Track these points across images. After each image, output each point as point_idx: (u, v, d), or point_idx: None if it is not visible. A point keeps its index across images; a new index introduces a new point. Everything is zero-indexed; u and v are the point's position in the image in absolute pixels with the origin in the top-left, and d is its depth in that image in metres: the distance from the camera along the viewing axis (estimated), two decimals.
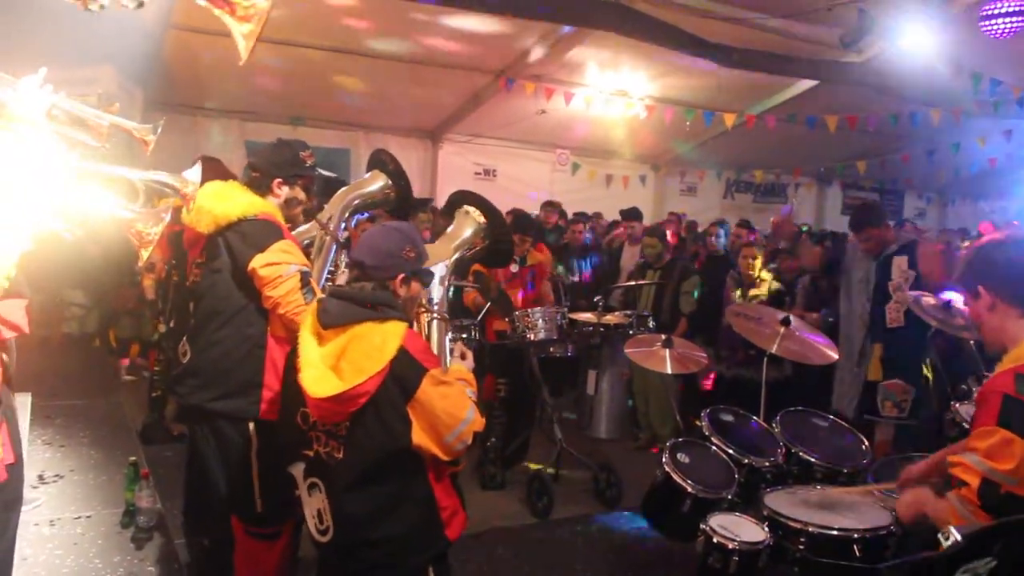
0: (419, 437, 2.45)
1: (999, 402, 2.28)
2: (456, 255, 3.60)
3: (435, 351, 3.11)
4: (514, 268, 6.32)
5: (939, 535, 2.16)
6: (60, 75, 2.38)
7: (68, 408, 6.51)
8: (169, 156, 2.74)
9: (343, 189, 3.99)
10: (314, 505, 2.59)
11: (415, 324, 3.06)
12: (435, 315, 3.22)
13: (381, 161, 4.12)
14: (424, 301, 3.03)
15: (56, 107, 2.37)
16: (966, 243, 8.88)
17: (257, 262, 3.17)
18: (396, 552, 2.53)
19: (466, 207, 3.71)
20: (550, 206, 10.67)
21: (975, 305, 2.55)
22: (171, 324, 5.75)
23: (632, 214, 9.00)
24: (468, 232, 3.66)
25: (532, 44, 9.78)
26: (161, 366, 6.37)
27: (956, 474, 2.37)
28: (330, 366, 2.44)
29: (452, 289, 6.24)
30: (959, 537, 2.08)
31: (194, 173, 2.67)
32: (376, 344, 2.42)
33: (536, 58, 10.02)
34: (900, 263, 5.23)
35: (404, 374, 2.43)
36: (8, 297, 2.47)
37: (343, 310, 2.52)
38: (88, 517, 4.63)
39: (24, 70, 2.32)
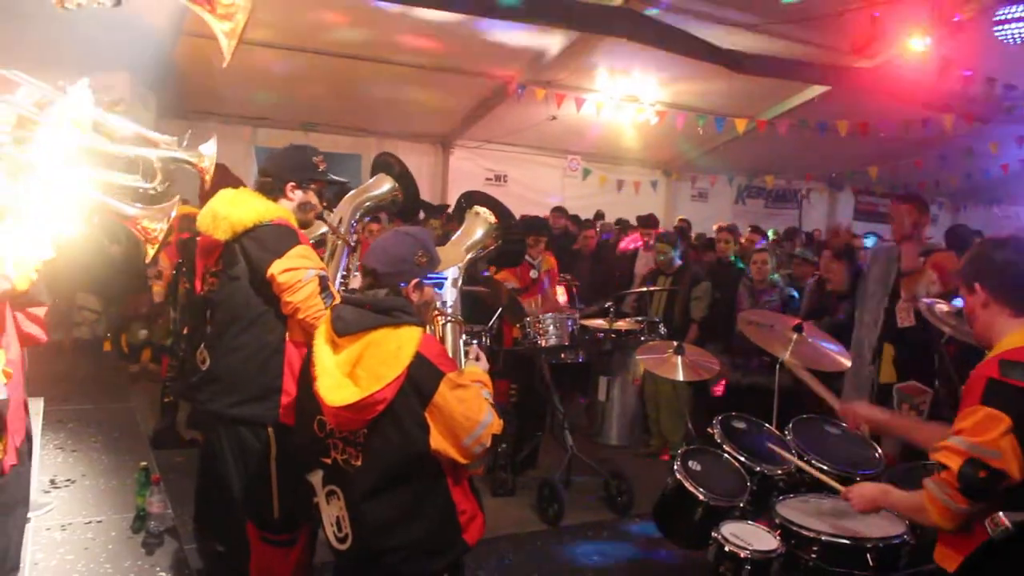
0: (437, 441, 2.44)
1: (983, 385, 2.37)
2: (469, 256, 3.59)
3: (450, 354, 3.11)
4: (533, 274, 6.33)
5: (987, 523, 2.26)
6: (75, 81, 2.40)
7: (80, 413, 6.54)
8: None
9: (351, 192, 4.01)
10: (332, 513, 2.58)
11: (429, 327, 3.06)
12: (449, 318, 3.21)
13: (387, 164, 4.12)
14: (438, 304, 3.03)
15: (99, 122, 2.39)
16: None
17: (275, 268, 3.17)
18: (415, 557, 2.52)
19: (476, 208, 3.70)
20: (558, 211, 10.68)
21: (970, 300, 2.63)
22: (184, 331, 5.77)
23: (648, 221, 8.98)
24: (479, 233, 3.65)
25: (543, 50, 9.80)
26: (173, 372, 6.39)
27: (939, 458, 2.44)
28: (346, 374, 2.43)
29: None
30: (1009, 524, 2.22)
31: (209, 147, 2.67)
32: (392, 350, 2.42)
33: (547, 64, 10.04)
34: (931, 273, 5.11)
35: (421, 379, 2.43)
36: (28, 304, 2.48)
37: (357, 317, 2.51)
38: (99, 522, 4.64)
39: (40, 76, 2.34)
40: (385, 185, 4.05)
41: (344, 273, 3.80)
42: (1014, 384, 2.32)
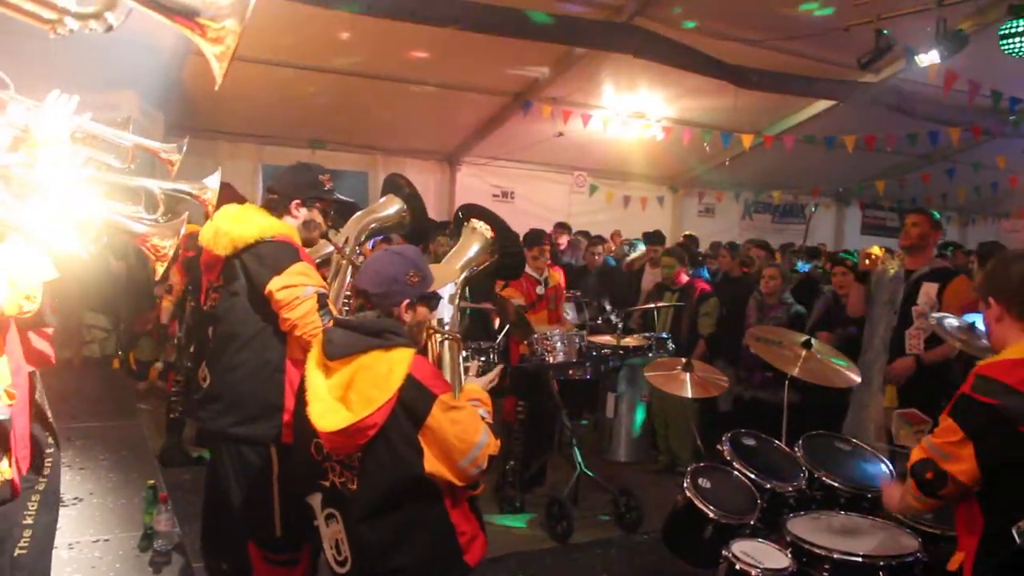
0: (432, 464, 2.42)
1: (956, 397, 2.52)
2: (464, 274, 3.54)
3: (448, 372, 3.08)
4: (540, 290, 6.32)
5: (1013, 530, 2.30)
6: (84, 100, 2.41)
7: (88, 430, 6.52)
8: (189, 179, 2.74)
9: (359, 213, 3.98)
10: (332, 536, 2.56)
11: (427, 346, 3.04)
12: (447, 336, 3.18)
13: (396, 185, 4.11)
14: (435, 322, 2.99)
15: (80, 130, 2.39)
16: None
17: (274, 284, 3.16)
18: None
19: (472, 222, 3.65)
20: (561, 227, 10.69)
21: (986, 314, 2.67)
22: (192, 348, 5.76)
23: (655, 238, 8.96)
24: (475, 248, 3.60)
25: (549, 67, 9.83)
26: (178, 388, 6.39)
27: (912, 452, 2.65)
28: (338, 398, 2.41)
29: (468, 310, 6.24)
30: None
31: (213, 180, 2.67)
32: (383, 373, 2.39)
33: (553, 81, 10.07)
34: (929, 290, 5.00)
35: (413, 402, 2.40)
36: (34, 328, 2.48)
37: (348, 340, 2.48)
38: (106, 540, 4.62)
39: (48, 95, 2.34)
40: (393, 206, 4.04)
41: (348, 293, 3.77)
42: (978, 399, 2.42)
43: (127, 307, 8.29)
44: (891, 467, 4.05)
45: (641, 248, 9.67)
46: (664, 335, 6.39)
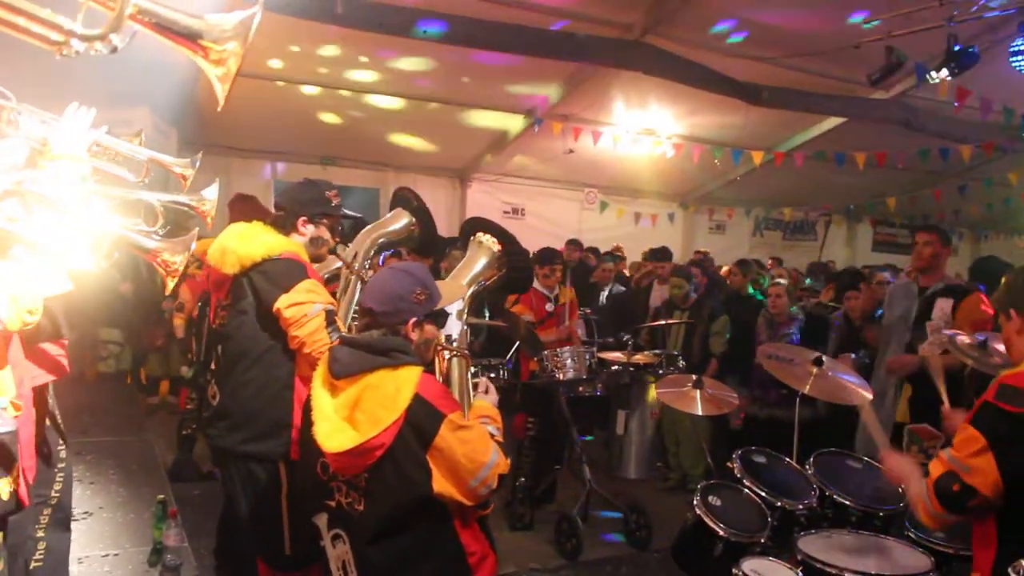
0: (441, 485, 2.38)
1: (979, 406, 2.51)
2: (471, 289, 3.51)
3: (456, 389, 3.05)
4: (549, 307, 6.31)
5: (1010, 570, 2.31)
6: (97, 117, 2.43)
7: (99, 445, 6.53)
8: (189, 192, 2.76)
9: (367, 228, 3.97)
10: (338, 557, 2.53)
11: (435, 363, 3.02)
12: (455, 352, 3.16)
13: (405, 199, 4.08)
14: (443, 339, 2.95)
15: (97, 144, 2.41)
16: None
17: (282, 302, 3.16)
18: None
19: (479, 236, 3.61)
20: (572, 244, 10.71)
21: (1007, 326, 2.66)
22: (212, 365, 5.78)
23: (661, 254, 8.94)
24: (482, 263, 3.56)
25: (560, 84, 9.86)
26: (192, 404, 6.40)
27: (930, 465, 2.62)
28: (344, 418, 2.39)
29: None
30: None
31: (211, 191, 2.69)
32: (390, 393, 2.36)
33: (564, 98, 10.10)
34: (944, 305, 4.99)
35: (421, 422, 2.37)
36: (46, 339, 2.50)
37: (355, 359, 2.46)
38: (116, 555, 4.62)
39: (61, 111, 2.37)
40: (402, 220, 4.02)
41: (358, 308, 3.77)
42: (1002, 407, 2.42)
43: (137, 323, 8.32)
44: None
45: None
46: (675, 352, 6.37)
